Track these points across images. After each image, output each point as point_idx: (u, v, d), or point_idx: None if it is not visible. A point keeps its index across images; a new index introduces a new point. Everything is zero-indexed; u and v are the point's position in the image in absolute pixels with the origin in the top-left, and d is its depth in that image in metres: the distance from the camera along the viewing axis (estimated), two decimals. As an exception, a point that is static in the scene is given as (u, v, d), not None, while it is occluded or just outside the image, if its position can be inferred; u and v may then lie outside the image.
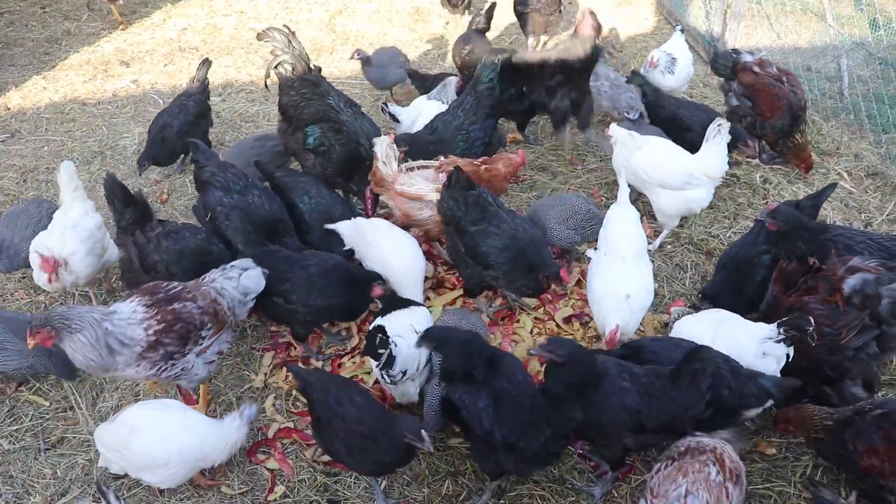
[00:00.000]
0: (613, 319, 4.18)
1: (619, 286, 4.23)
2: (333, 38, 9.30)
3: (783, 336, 3.68)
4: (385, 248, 4.73)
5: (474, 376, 3.51)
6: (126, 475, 3.85)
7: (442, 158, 5.24)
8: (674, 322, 4.30)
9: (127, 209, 4.55)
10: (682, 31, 7.18)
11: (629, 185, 4.80)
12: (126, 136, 7.19)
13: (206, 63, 6.60)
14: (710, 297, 4.66)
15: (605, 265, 4.38)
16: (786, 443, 4.06)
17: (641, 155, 5.27)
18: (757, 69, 6.03)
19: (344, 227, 4.95)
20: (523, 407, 3.46)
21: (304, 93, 5.39)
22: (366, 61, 7.27)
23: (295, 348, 4.75)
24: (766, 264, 4.53)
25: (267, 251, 4.56)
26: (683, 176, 5.19)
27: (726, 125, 5.14)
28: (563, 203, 5.11)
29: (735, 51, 6.32)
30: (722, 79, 6.36)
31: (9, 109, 7.78)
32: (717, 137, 5.13)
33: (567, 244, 5.10)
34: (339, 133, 5.34)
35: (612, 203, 4.64)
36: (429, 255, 5.30)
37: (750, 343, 3.76)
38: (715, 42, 8.23)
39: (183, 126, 6.24)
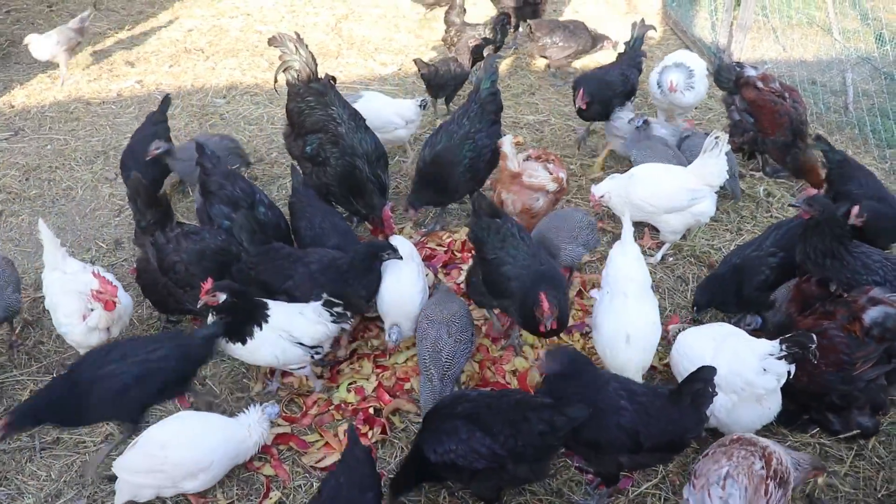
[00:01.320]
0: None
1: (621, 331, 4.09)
2: (339, 43, 9.30)
3: (785, 353, 3.65)
4: (387, 279, 4.57)
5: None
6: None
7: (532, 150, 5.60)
8: (673, 338, 4.28)
9: (149, 210, 4.61)
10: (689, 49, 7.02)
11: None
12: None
13: (167, 100, 6.21)
14: (703, 304, 4.73)
15: (609, 306, 4.19)
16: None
17: (639, 189, 5.20)
18: (760, 84, 5.99)
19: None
20: (501, 408, 3.45)
21: (308, 100, 5.42)
22: (167, 153, 5.81)
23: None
24: (771, 266, 4.55)
25: (270, 248, 4.58)
26: (687, 193, 5.15)
27: (724, 137, 5.11)
28: (567, 221, 5.05)
29: (739, 64, 6.26)
30: (725, 92, 6.33)
31: (13, 107, 7.78)
32: (715, 150, 5.08)
33: (577, 261, 5.10)
34: (336, 146, 5.34)
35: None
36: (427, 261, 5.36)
37: (751, 359, 3.73)
38: (721, 54, 8.23)
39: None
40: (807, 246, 4.29)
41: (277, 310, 4.21)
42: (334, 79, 5.66)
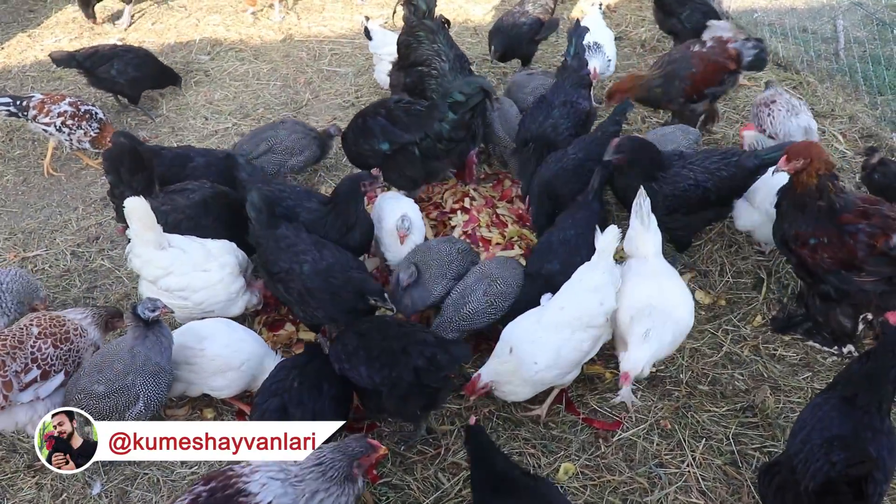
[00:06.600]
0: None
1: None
2: (325, -4, 9.12)
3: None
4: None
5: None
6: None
7: None
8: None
9: (135, 176, 4.33)
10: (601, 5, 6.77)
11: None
12: (112, 96, 7.08)
13: None
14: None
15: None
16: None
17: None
18: None
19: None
20: (388, 335, 3.57)
21: (419, 35, 5.43)
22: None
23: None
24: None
25: (272, 234, 4.12)
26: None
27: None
28: (437, 254, 4.38)
29: None
30: None
31: (-7, 67, 7.66)
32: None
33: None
34: (433, 79, 5.32)
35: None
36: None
37: (592, 299, 3.69)
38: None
39: None
40: (631, 183, 4.34)
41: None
42: (448, 22, 5.68)
